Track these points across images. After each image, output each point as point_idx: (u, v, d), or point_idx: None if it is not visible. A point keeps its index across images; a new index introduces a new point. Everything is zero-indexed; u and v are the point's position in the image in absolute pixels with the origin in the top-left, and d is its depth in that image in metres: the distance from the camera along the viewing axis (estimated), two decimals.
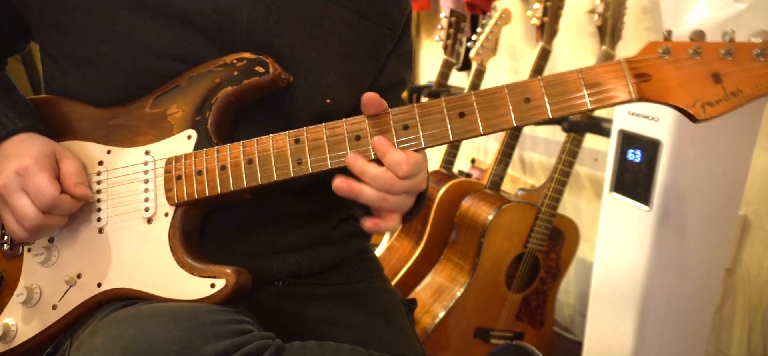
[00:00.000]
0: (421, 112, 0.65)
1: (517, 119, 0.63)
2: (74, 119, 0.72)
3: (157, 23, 0.68)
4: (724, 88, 0.60)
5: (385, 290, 0.89)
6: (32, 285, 0.70)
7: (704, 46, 0.61)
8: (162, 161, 0.69)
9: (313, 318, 0.78)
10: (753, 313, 1.43)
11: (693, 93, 0.61)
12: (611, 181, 1.29)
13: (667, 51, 0.62)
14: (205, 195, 0.67)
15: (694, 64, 0.61)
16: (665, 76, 0.61)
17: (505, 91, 0.63)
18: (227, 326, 0.58)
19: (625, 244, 1.27)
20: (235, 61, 0.69)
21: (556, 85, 0.63)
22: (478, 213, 1.60)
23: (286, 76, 0.70)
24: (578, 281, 2.00)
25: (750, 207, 1.40)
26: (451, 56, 2.08)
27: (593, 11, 1.48)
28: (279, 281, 0.78)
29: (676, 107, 0.62)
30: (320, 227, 0.81)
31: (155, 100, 0.70)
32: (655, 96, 0.62)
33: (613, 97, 0.62)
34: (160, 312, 0.59)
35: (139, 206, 0.69)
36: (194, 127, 0.69)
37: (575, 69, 0.63)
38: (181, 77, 0.70)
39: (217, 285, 0.65)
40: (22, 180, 0.64)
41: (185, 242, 0.68)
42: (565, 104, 0.62)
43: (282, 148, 0.66)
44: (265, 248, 0.76)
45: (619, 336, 1.31)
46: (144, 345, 0.54)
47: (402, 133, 0.65)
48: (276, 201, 0.76)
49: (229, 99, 0.69)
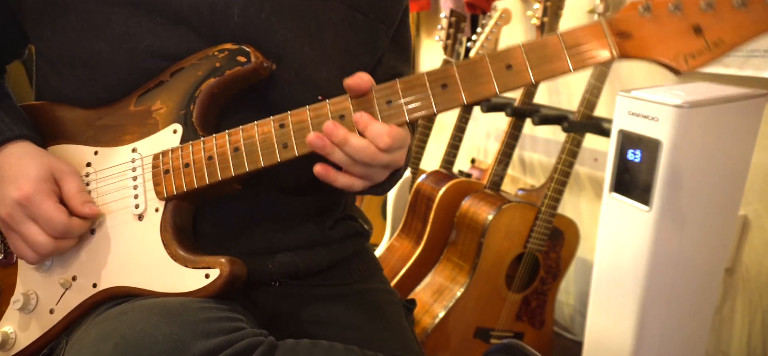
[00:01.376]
0: (403, 86, 0.65)
1: (500, 86, 0.64)
2: (62, 122, 0.73)
3: (151, 22, 0.68)
4: (705, 40, 0.61)
5: (383, 290, 0.89)
6: (28, 291, 0.70)
7: (684, 0, 0.61)
8: (149, 157, 0.69)
9: (311, 320, 0.78)
10: (753, 313, 1.43)
11: (674, 47, 0.61)
12: (611, 181, 1.29)
13: (647, 8, 0.62)
14: (194, 186, 0.67)
15: (675, 19, 0.61)
16: (646, 33, 0.62)
17: (486, 60, 0.64)
18: (219, 324, 0.58)
19: (625, 244, 1.27)
20: (216, 52, 0.69)
21: (537, 50, 0.63)
22: (478, 213, 1.60)
23: (268, 65, 0.70)
24: (578, 281, 2.00)
25: (750, 207, 1.40)
26: (451, 56, 2.08)
27: (593, 11, 1.47)
28: (276, 282, 0.78)
29: (658, 61, 0.62)
30: (317, 227, 0.81)
31: (139, 98, 0.71)
32: (636, 52, 0.62)
33: (594, 57, 0.62)
34: (151, 308, 0.59)
35: (129, 204, 0.69)
36: (179, 121, 0.69)
37: (555, 32, 0.63)
38: (164, 73, 0.70)
39: (211, 275, 0.65)
40: (27, 209, 0.64)
41: (177, 235, 0.68)
42: (547, 67, 0.63)
43: (267, 133, 0.66)
44: (260, 248, 0.76)
45: (619, 336, 1.31)
46: (134, 342, 0.54)
47: (385, 108, 0.65)
48: (271, 201, 0.76)
49: (212, 90, 0.69)
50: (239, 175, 0.67)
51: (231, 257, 0.66)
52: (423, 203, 1.83)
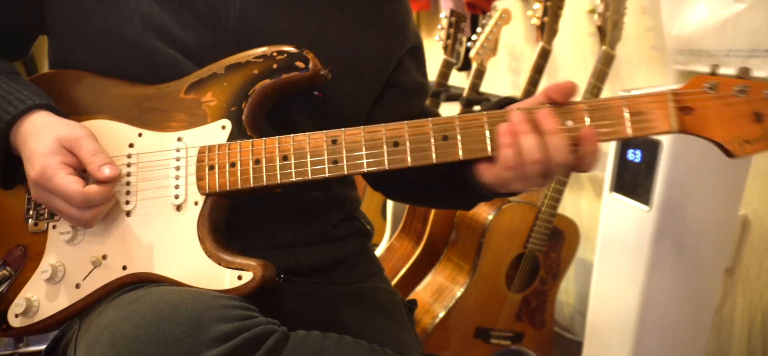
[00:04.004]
0: (461, 124, 0.65)
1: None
2: (108, 96, 0.72)
3: (160, 4, 0.70)
4: (763, 128, 0.61)
5: (386, 290, 0.89)
6: (57, 263, 0.69)
7: (751, 84, 0.62)
8: (194, 149, 0.69)
9: (315, 317, 0.78)
10: (753, 313, 1.43)
11: (732, 129, 0.61)
12: (611, 181, 1.29)
13: (713, 86, 0.62)
14: (238, 187, 0.67)
15: (739, 102, 0.62)
16: (708, 111, 0.62)
17: (549, 112, 0.63)
18: (235, 311, 0.58)
19: (625, 244, 1.27)
20: (275, 53, 0.69)
21: (600, 110, 0.63)
22: (478, 213, 1.60)
23: (325, 72, 0.69)
24: (578, 281, 2.00)
25: (750, 208, 1.40)
26: (451, 56, 2.08)
27: (593, 11, 1.47)
28: (280, 277, 0.78)
29: (714, 142, 0.62)
30: (321, 225, 0.81)
31: (190, 86, 0.70)
32: (694, 129, 0.62)
33: (654, 127, 0.63)
34: (169, 292, 0.59)
35: (169, 193, 0.68)
36: (229, 117, 0.69)
37: (619, 96, 0.64)
38: (218, 64, 0.70)
39: (244, 277, 0.65)
40: (45, 186, 0.64)
41: (213, 232, 0.68)
42: (606, 130, 0.63)
43: (318, 147, 0.66)
44: (264, 244, 0.76)
45: (620, 335, 1.31)
46: (154, 322, 0.54)
47: (441, 144, 0.65)
48: (277, 198, 0.76)
49: (266, 92, 0.69)
50: (285, 183, 0.67)
51: (263, 261, 0.66)
52: None
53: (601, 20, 1.42)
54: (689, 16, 1.31)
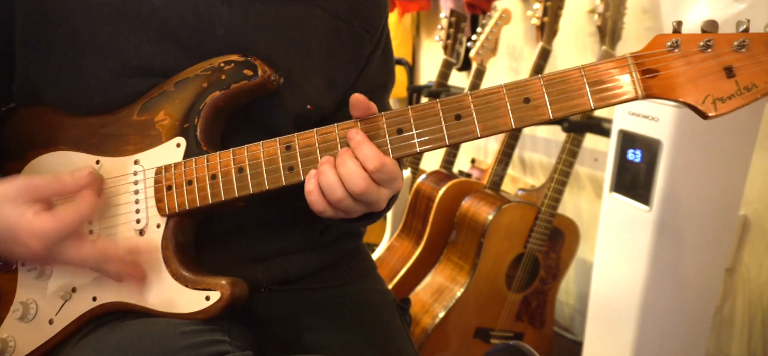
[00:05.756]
0: (415, 115, 0.62)
1: (516, 121, 0.60)
2: (63, 127, 0.70)
3: (138, 38, 0.67)
4: (737, 83, 0.56)
5: (377, 290, 0.87)
6: (28, 301, 0.68)
7: (716, 38, 0.57)
8: (151, 171, 0.67)
9: (302, 323, 0.77)
10: (753, 313, 1.43)
11: (703, 88, 0.57)
12: (611, 181, 1.29)
13: (675, 44, 0.58)
14: (197, 205, 0.65)
15: (705, 58, 0.57)
16: (674, 72, 0.57)
17: (503, 92, 0.61)
18: (199, 350, 0.57)
19: (625, 244, 1.27)
20: (222, 64, 0.67)
21: (557, 84, 0.59)
22: (478, 213, 1.60)
23: (276, 78, 0.68)
24: (578, 281, 2.00)
25: (750, 207, 1.40)
26: (451, 56, 2.08)
27: (593, 11, 1.48)
28: (265, 288, 0.77)
29: (686, 103, 0.58)
30: (307, 232, 0.79)
31: (142, 107, 0.68)
32: (662, 92, 0.58)
33: (618, 95, 0.58)
34: (129, 339, 0.59)
35: (131, 218, 0.67)
36: (183, 134, 0.67)
37: (577, 66, 0.60)
38: (168, 82, 0.68)
39: (211, 297, 0.63)
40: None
41: (179, 253, 0.66)
42: (567, 103, 0.59)
43: (273, 154, 0.64)
44: (248, 256, 0.75)
45: (620, 336, 1.31)
46: None
47: (396, 138, 0.63)
48: (260, 210, 0.74)
49: (217, 104, 0.67)
50: (243, 195, 0.65)
51: (233, 278, 0.64)
52: (423, 203, 1.83)
53: (601, 20, 1.42)
54: (689, 16, 1.31)
